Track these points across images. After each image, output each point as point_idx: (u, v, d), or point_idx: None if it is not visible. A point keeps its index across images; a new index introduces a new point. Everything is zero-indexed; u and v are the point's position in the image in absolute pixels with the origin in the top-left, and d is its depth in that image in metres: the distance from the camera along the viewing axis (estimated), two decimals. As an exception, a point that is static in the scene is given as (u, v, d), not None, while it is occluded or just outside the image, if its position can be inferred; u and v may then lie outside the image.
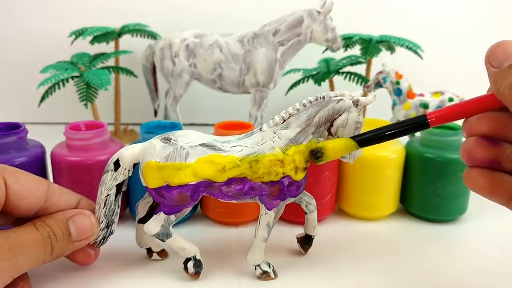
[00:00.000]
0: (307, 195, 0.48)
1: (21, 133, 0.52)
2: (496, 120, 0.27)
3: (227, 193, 0.42)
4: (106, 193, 0.43)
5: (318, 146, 0.41)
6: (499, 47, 0.24)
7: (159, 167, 0.40)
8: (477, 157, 0.27)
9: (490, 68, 0.25)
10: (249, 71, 0.75)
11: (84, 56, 0.81)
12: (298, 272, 0.47)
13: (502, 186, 0.26)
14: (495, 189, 0.26)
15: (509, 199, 0.27)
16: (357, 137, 0.39)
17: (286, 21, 0.74)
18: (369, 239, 0.54)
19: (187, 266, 0.44)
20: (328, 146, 0.40)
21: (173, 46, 0.76)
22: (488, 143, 0.27)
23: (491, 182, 0.26)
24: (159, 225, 0.43)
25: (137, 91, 0.94)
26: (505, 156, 0.26)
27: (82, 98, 0.74)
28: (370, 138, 0.38)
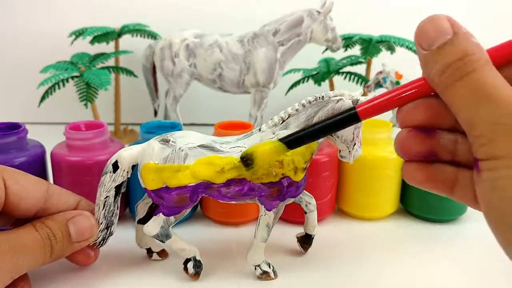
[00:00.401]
0: (307, 195, 0.48)
1: (21, 133, 0.52)
2: (431, 108, 0.25)
3: (226, 194, 0.42)
4: (105, 195, 0.43)
5: (247, 152, 0.40)
6: (429, 23, 0.22)
7: (158, 169, 0.40)
8: (412, 152, 0.26)
9: (420, 50, 0.23)
10: (249, 71, 0.75)
11: (84, 56, 0.81)
12: (298, 272, 0.47)
13: (441, 177, 0.26)
14: (435, 182, 0.26)
15: (451, 189, 0.26)
16: (285, 138, 0.37)
17: (286, 21, 0.74)
18: (369, 239, 0.54)
19: (187, 266, 0.44)
20: (258, 151, 0.39)
21: (173, 46, 0.76)
22: (423, 135, 0.26)
23: (430, 175, 0.26)
24: (159, 226, 0.43)
25: (137, 91, 0.94)
26: (440, 147, 0.26)
27: (82, 98, 0.74)
28: (299, 137, 0.36)
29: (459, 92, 0.22)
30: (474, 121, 0.22)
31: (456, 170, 0.26)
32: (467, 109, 0.22)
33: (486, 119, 0.21)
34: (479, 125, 0.21)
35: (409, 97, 0.26)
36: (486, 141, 0.21)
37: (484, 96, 0.21)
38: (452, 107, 0.22)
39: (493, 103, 0.21)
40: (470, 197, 0.25)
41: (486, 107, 0.21)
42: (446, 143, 0.26)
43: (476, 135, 0.22)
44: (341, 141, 0.42)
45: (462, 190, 0.25)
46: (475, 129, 0.22)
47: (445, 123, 0.26)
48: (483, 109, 0.21)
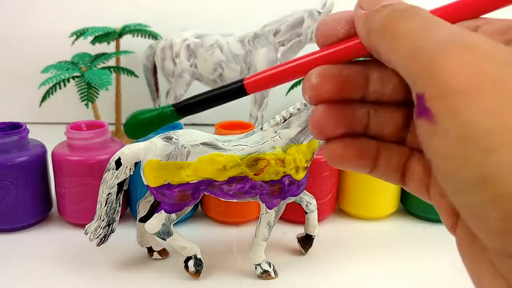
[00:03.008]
0: (308, 195, 0.48)
1: (22, 133, 0.52)
2: (341, 78, 0.23)
3: (228, 192, 0.42)
4: (108, 192, 0.43)
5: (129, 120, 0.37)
6: None
7: (161, 166, 0.40)
8: (330, 131, 0.23)
9: (360, 11, 0.21)
10: (249, 71, 0.75)
11: (85, 56, 0.81)
12: (299, 271, 0.47)
13: (368, 152, 0.23)
14: (362, 158, 0.24)
15: (373, 165, 0.24)
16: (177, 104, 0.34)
17: (286, 22, 0.74)
18: (369, 239, 0.54)
19: (188, 265, 0.44)
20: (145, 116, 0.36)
21: (174, 46, 0.76)
22: (339, 112, 0.23)
23: (358, 152, 0.23)
24: (160, 223, 0.43)
25: (138, 91, 0.94)
26: (357, 121, 0.23)
27: (83, 98, 0.74)
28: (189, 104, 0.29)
29: (406, 26, 0.19)
30: (422, 47, 0.18)
31: (377, 143, 0.24)
32: (414, 40, 0.18)
33: (438, 38, 0.18)
34: (428, 49, 0.18)
35: (305, 66, 0.23)
36: (440, 62, 0.17)
37: (435, 25, 0.19)
38: (391, 49, 0.20)
39: (446, 26, 0.18)
40: (391, 171, 0.24)
41: (437, 32, 0.18)
42: (360, 116, 0.23)
43: (424, 65, 0.18)
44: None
45: (384, 164, 0.24)
46: (422, 57, 0.18)
47: (356, 93, 0.23)
48: (434, 32, 0.18)
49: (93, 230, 0.44)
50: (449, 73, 0.17)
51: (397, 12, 0.20)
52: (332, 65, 0.23)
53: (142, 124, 0.36)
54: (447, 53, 0.17)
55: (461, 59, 0.17)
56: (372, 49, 0.21)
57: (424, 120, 0.18)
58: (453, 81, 0.16)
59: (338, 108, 0.23)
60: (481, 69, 0.16)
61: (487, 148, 0.15)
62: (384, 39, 0.20)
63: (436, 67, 0.17)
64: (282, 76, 0.24)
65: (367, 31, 0.21)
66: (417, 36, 0.19)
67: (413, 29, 0.19)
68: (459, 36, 0.18)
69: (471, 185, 0.16)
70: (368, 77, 0.23)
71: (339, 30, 0.22)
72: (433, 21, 0.19)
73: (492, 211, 0.15)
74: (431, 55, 0.18)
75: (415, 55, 0.18)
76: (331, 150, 0.24)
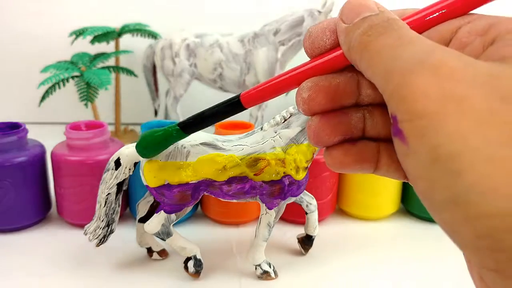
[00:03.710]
0: (308, 195, 0.48)
1: (21, 132, 0.52)
2: (332, 87, 0.23)
3: (228, 192, 0.42)
4: (107, 192, 0.43)
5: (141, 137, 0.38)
6: (353, 2, 0.21)
7: (160, 166, 0.40)
8: (328, 140, 0.24)
9: (341, 24, 0.21)
10: (249, 70, 0.75)
11: (84, 56, 0.81)
12: (299, 272, 0.47)
13: (367, 155, 0.24)
14: (362, 162, 0.24)
15: (375, 166, 0.24)
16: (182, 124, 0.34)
17: (287, 21, 0.74)
18: (369, 239, 0.54)
19: (188, 265, 0.44)
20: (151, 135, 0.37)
21: (174, 46, 0.76)
22: (334, 120, 0.23)
23: (357, 157, 0.24)
24: (160, 224, 0.42)
25: (138, 91, 0.94)
26: (352, 126, 0.24)
27: (83, 98, 0.74)
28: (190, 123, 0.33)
29: (381, 44, 0.19)
30: (391, 68, 0.18)
31: (377, 144, 0.24)
32: (386, 59, 0.19)
33: (407, 58, 0.18)
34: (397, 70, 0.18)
35: (296, 78, 0.24)
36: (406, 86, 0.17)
37: (407, 41, 0.19)
38: (369, 67, 0.20)
39: (416, 43, 0.18)
40: (393, 169, 0.24)
41: (407, 49, 0.18)
42: (356, 121, 0.24)
43: (394, 87, 0.18)
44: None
45: (386, 163, 0.24)
46: (392, 78, 0.18)
47: (348, 100, 0.24)
48: (404, 51, 0.18)
49: (92, 230, 0.44)
50: (415, 96, 0.17)
51: (372, 29, 0.20)
52: (322, 76, 0.23)
53: (151, 146, 0.37)
54: (414, 75, 0.17)
55: (427, 80, 0.17)
56: (354, 64, 0.22)
57: (398, 140, 0.18)
58: (419, 105, 0.17)
59: (333, 117, 0.24)
60: (446, 90, 0.16)
61: (454, 170, 0.15)
62: (362, 58, 0.20)
63: (403, 90, 0.17)
64: (275, 89, 0.25)
65: (347, 47, 0.21)
66: (387, 56, 0.19)
67: (386, 47, 0.19)
68: (428, 53, 0.18)
69: (443, 205, 0.16)
70: (359, 82, 0.24)
71: (325, 41, 0.23)
72: (406, 36, 0.19)
73: (466, 230, 0.15)
74: (399, 77, 0.18)
75: (386, 76, 0.19)
76: (331, 157, 0.24)
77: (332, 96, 0.23)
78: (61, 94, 0.77)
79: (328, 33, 0.23)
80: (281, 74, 0.25)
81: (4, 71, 0.98)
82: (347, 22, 0.21)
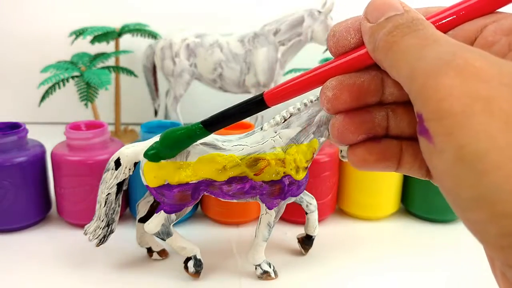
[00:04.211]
0: (308, 195, 0.48)
1: (21, 132, 0.52)
2: (356, 86, 0.23)
3: (228, 192, 0.42)
4: (107, 192, 0.43)
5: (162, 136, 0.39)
6: (378, 1, 0.21)
7: (160, 166, 0.40)
8: (352, 138, 0.24)
9: (366, 24, 0.22)
10: (249, 71, 0.75)
11: (84, 56, 0.81)
12: (299, 272, 0.47)
13: (390, 153, 0.24)
14: (385, 160, 0.24)
15: (398, 164, 0.24)
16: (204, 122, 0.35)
17: (286, 21, 0.74)
18: (369, 239, 0.54)
19: (188, 265, 0.44)
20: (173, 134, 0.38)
21: (174, 45, 0.76)
22: (358, 119, 0.24)
23: (381, 155, 0.24)
24: (160, 224, 0.42)
25: (138, 91, 0.94)
26: (376, 125, 0.24)
27: (82, 98, 0.74)
28: (214, 120, 0.34)
29: (406, 44, 0.20)
30: (417, 68, 0.18)
31: (400, 142, 0.24)
32: (411, 59, 0.19)
33: (432, 58, 0.18)
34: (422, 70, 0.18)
35: (321, 76, 0.24)
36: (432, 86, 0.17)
37: (432, 41, 0.19)
38: (394, 66, 0.20)
39: (442, 43, 0.19)
40: (416, 167, 0.24)
41: (433, 49, 0.18)
42: (380, 120, 0.24)
43: (419, 86, 0.18)
44: (342, 141, 0.42)
45: (409, 161, 0.24)
46: (417, 78, 0.18)
47: (372, 98, 0.24)
48: (429, 51, 0.18)
49: (92, 230, 0.44)
50: (441, 95, 0.17)
51: (397, 29, 0.20)
52: (346, 74, 0.23)
53: (173, 145, 0.38)
54: (440, 74, 0.17)
55: (453, 80, 0.17)
56: (379, 63, 0.22)
57: (424, 139, 0.18)
58: (445, 104, 0.17)
59: (357, 116, 0.24)
60: (472, 90, 0.16)
61: (481, 169, 0.15)
62: (387, 58, 0.21)
63: (429, 89, 0.18)
64: (299, 87, 0.25)
65: (372, 47, 0.22)
66: (414, 55, 0.19)
67: (411, 47, 0.19)
68: (453, 53, 0.18)
69: (469, 203, 0.16)
70: (383, 81, 0.24)
71: (349, 40, 0.23)
72: (431, 36, 0.19)
73: (491, 228, 0.16)
74: (425, 77, 0.18)
75: (411, 76, 0.19)
76: (354, 155, 0.25)
77: (357, 94, 0.23)
78: (61, 94, 0.77)
79: (352, 32, 0.23)
80: (305, 73, 0.25)
81: (4, 71, 0.98)
82: (372, 21, 0.21)
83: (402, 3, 0.21)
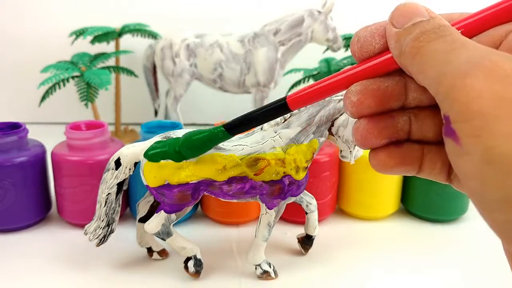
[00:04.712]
0: (308, 195, 0.48)
1: (22, 132, 0.52)
2: (379, 91, 0.24)
3: (228, 192, 0.42)
4: (107, 192, 0.43)
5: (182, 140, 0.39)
6: (406, 6, 0.22)
7: (160, 166, 0.40)
8: (374, 144, 0.24)
9: (392, 29, 0.22)
10: (249, 71, 0.75)
11: (84, 56, 0.81)
12: (299, 272, 0.47)
13: (411, 157, 0.24)
14: (406, 164, 0.25)
15: (418, 168, 0.25)
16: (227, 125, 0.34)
17: (286, 21, 0.74)
18: (369, 239, 0.54)
19: (188, 265, 0.44)
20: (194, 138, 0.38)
21: (174, 46, 0.76)
22: (381, 124, 0.24)
23: (401, 160, 0.25)
24: (160, 223, 0.42)
25: (138, 91, 0.94)
26: (399, 129, 0.24)
27: (83, 98, 0.74)
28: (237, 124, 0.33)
29: (433, 48, 0.20)
30: (445, 71, 0.19)
31: (421, 146, 0.25)
32: (439, 62, 0.19)
33: (460, 61, 0.18)
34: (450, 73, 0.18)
35: (345, 81, 0.24)
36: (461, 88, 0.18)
37: (460, 45, 0.19)
38: (421, 70, 0.21)
39: (469, 47, 0.19)
40: (437, 171, 0.24)
41: (461, 52, 0.19)
42: (402, 124, 0.24)
43: (447, 89, 0.18)
44: (342, 141, 0.42)
45: (429, 165, 0.25)
46: (445, 80, 0.18)
47: (396, 103, 0.24)
48: (457, 54, 0.19)
49: (92, 230, 0.44)
50: (470, 97, 0.17)
51: (424, 34, 0.21)
52: (370, 79, 0.24)
53: (195, 147, 0.38)
54: (468, 76, 0.18)
55: (482, 82, 0.17)
56: (404, 68, 0.22)
57: (451, 140, 0.19)
58: (474, 106, 0.17)
59: (380, 120, 0.24)
60: (501, 92, 0.17)
61: (508, 171, 0.16)
62: (414, 63, 0.21)
63: (456, 92, 0.18)
64: (322, 92, 0.25)
65: (398, 52, 0.22)
66: (440, 59, 0.19)
67: (439, 51, 0.20)
68: (482, 56, 0.18)
69: (496, 204, 0.17)
70: (407, 86, 0.24)
71: (374, 46, 0.23)
72: (458, 41, 0.20)
73: None
74: (453, 79, 0.18)
75: (438, 79, 0.19)
76: (376, 159, 0.25)
77: (381, 99, 0.24)
78: (61, 94, 0.78)
79: (377, 38, 0.23)
80: (329, 77, 0.25)
81: (5, 71, 0.98)
82: (398, 26, 0.22)
83: (427, 9, 0.22)
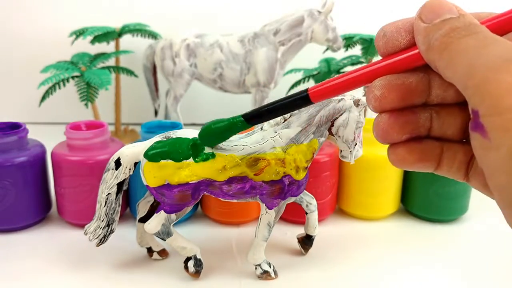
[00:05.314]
0: (308, 195, 0.48)
1: (22, 132, 0.52)
2: (403, 86, 0.24)
3: (228, 192, 0.42)
4: (107, 192, 0.43)
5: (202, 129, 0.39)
6: (433, 3, 0.22)
7: (160, 166, 0.40)
8: (394, 139, 0.25)
9: (419, 23, 0.22)
10: (249, 71, 0.75)
11: (84, 56, 0.81)
12: (299, 272, 0.47)
13: (431, 154, 0.25)
14: (425, 161, 0.25)
15: (437, 165, 0.25)
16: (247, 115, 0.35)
17: (286, 21, 0.74)
18: (369, 239, 0.54)
19: (188, 265, 0.44)
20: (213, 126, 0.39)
21: (174, 46, 0.76)
22: (403, 119, 0.24)
23: (421, 155, 0.25)
24: (160, 223, 0.42)
25: (138, 91, 0.94)
26: (420, 126, 0.25)
27: (83, 98, 0.74)
28: (258, 114, 0.34)
29: (464, 44, 0.20)
30: (477, 65, 0.19)
31: (440, 143, 0.25)
32: (470, 57, 0.19)
33: (491, 56, 0.18)
34: (481, 67, 0.18)
35: (369, 75, 0.25)
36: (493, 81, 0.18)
37: (491, 41, 0.19)
38: (449, 65, 0.21)
39: (500, 44, 0.19)
40: (455, 169, 0.25)
41: (493, 48, 0.19)
42: (423, 121, 0.25)
43: (477, 83, 0.18)
44: (342, 141, 0.42)
45: (448, 163, 0.25)
46: (475, 75, 0.18)
47: (418, 99, 0.24)
48: (488, 50, 0.19)
49: (92, 230, 0.44)
50: (500, 92, 0.17)
51: (455, 31, 0.21)
52: (394, 74, 0.24)
53: (214, 135, 0.38)
54: (499, 71, 0.18)
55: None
56: (431, 63, 0.22)
57: (478, 135, 0.19)
58: (505, 100, 0.17)
59: (402, 116, 0.24)
60: None
61: None
62: (442, 57, 0.21)
63: (488, 85, 0.18)
64: (346, 85, 0.25)
65: (427, 47, 0.22)
66: (472, 54, 0.19)
67: (469, 47, 0.20)
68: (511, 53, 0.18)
69: None
70: (430, 83, 0.24)
71: (400, 41, 0.23)
72: (490, 37, 0.20)
73: None
74: (484, 73, 0.18)
75: (469, 73, 0.19)
76: (395, 154, 0.25)
77: (404, 95, 0.24)
78: (61, 94, 0.77)
79: (403, 33, 0.23)
80: (352, 71, 0.25)
81: (5, 71, 0.98)
82: (427, 21, 0.22)
83: (457, 7, 0.22)
